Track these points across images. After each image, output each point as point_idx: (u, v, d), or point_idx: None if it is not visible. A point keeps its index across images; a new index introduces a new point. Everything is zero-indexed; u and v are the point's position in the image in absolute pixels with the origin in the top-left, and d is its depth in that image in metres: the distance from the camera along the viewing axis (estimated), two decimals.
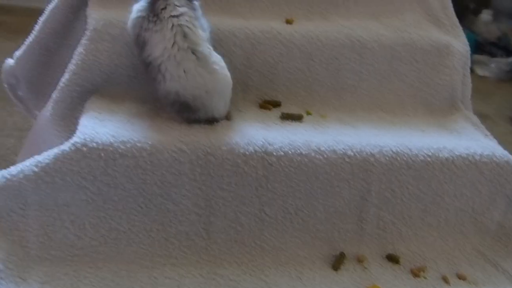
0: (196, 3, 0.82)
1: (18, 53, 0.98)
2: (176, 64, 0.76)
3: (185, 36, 0.77)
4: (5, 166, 1.28)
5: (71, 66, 0.85)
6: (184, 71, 0.76)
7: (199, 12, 0.82)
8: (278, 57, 0.93)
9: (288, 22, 0.97)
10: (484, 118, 1.16)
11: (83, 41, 0.85)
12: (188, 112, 0.80)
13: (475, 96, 1.08)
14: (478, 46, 2.65)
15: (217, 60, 0.80)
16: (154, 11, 0.77)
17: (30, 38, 0.96)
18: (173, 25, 0.77)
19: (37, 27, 0.96)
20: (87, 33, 0.85)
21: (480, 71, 2.53)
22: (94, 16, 0.87)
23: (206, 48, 0.79)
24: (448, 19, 1.06)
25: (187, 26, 0.77)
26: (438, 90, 1.00)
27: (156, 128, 0.78)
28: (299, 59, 0.94)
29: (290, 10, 1.00)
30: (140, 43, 0.78)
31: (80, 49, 0.85)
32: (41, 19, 0.95)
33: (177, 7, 0.78)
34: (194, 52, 0.77)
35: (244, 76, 0.93)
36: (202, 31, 0.80)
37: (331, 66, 0.96)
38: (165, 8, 0.77)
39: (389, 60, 0.98)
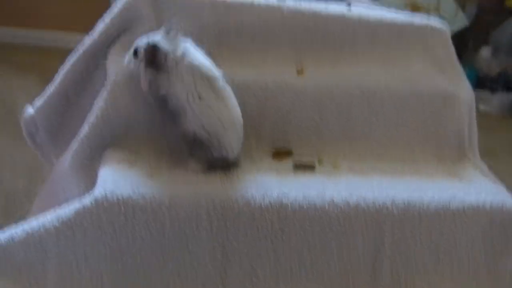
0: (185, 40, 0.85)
1: (38, 102, 1.01)
2: (199, 103, 0.80)
3: (201, 75, 0.81)
4: (15, 208, 1.30)
5: (91, 118, 0.87)
6: (207, 107, 0.81)
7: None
8: (290, 107, 0.96)
9: (299, 72, 1.00)
10: (488, 153, 1.18)
11: (103, 94, 0.88)
12: (203, 150, 0.82)
13: (478, 132, 1.10)
14: (479, 82, 2.71)
15: (231, 95, 0.85)
16: (157, 66, 0.81)
17: (50, 89, 0.99)
18: (186, 68, 0.81)
19: (57, 78, 0.99)
20: (107, 86, 0.88)
21: (482, 107, 2.56)
22: (114, 69, 0.90)
23: (222, 82, 0.83)
24: (453, 68, 1.09)
25: (199, 64, 0.82)
26: (446, 138, 1.02)
27: (174, 181, 0.80)
28: (310, 108, 0.97)
29: (300, 59, 1.03)
30: (160, 98, 0.82)
31: (100, 102, 0.88)
32: (62, 70, 0.99)
33: (175, 53, 0.81)
34: (213, 88, 0.82)
35: (257, 125, 0.95)
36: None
37: (341, 115, 0.99)
38: (166, 58, 0.81)
39: (398, 108, 1.01)
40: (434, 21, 1.12)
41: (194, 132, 0.81)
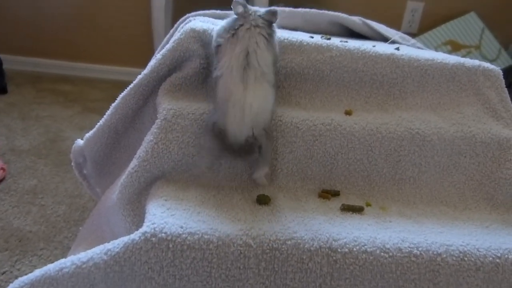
0: (275, 25, 0.91)
1: (88, 134, 1.04)
2: (229, 77, 0.84)
3: (248, 54, 0.85)
4: (55, 233, 1.32)
5: (140, 153, 0.88)
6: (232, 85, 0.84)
7: (275, 36, 0.91)
8: (338, 148, 0.95)
9: (347, 113, 0.99)
10: None
11: (154, 129, 0.89)
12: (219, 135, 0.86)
13: None
14: None
15: (267, 92, 0.87)
16: (234, 26, 0.87)
17: (101, 122, 1.02)
18: (243, 42, 0.85)
19: (108, 112, 1.01)
20: (158, 122, 0.90)
21: None
22: (164, 106, 0.91)
23: (263, 72, 0.86)
24: (506, 111, 1.06)
25: (255, 47, 0.86)
26: (500, 185, 0.98)
27: (222, 218, 0.79)
28: (359, 150, 0.95)
29: (348, 101, 1.03)
30: (216, 51, 0.88)
31: (150, 137, 0.89)
32: (113, 104, 1.01)
33: (253, 27, 0.87)
34: (248, 70, 0.84)
35: (304, 166, 0.94)
36: (270, 56, 0.88)
37: (390, 157, 0.97)
38: (242, 25, 0.87)
39: (449, 153, 0.98)
40: (485, 63, 1.11)
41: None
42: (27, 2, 2.76)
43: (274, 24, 0.91)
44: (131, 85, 0.99)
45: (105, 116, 1.02)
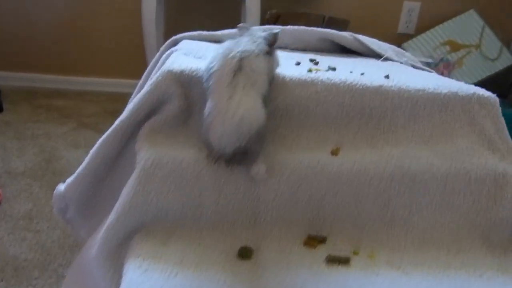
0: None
1: (69, 180, 1.01)
2: (217, 83, 0.82)
3: (242, 59, 0.82)
4: (49, 261, 1.31)
5: (118, 207, 0.85)
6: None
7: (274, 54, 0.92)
8: (325, 192, 0.91)
9: (334, 153, 0.95)
10: None
11: (131, 180, 0.86)
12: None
13: None
14: None
15: (256, 103, 0.82)
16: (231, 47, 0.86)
17: (81, 167, 0.99)
18: (239, 46, 0.84)
19: (88, 157, 0.98)
20: (135, 172, 0.86)
21: None
22: (142, 155, 0.88)
23: (255, 80, 0.83)
24: (503, 143, 1.01)
25: (251, 51, 0.84)
26: (496, 224, 0.94)
27: (200, 281, 0.76)
28: (346, 192, 0.91)
29: (336, 137, 0.98)
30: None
31: (128, 189, 0.86)
32: (92, 149, 0.98)
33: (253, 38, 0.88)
34: (239, 75, 0.81)
35: (289, 211, 0.91)
36: (266, 65, 0.87)
37: (379, 199, 0.93)
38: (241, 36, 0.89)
39: (442, 191, 0.94)
40: (480, 90, 1.05)
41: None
42: (19, 17, 2.74)
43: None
44: (110, 130, 0.96)
45: (85, 162, 0.99)
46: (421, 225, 0.93)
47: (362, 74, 1.14)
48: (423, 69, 1.42)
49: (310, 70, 1.09)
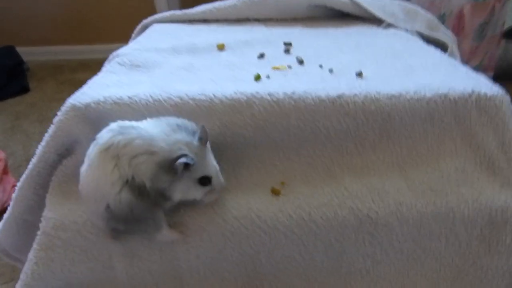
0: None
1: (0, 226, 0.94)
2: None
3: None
4: None
5: (22, 276, 0.76)
6: None
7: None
8: (258, 248, 0.74)
9: (275, 192, 0.76)
10: None
11: (34, 245, 0.76)
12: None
13: None
14: None
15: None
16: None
17: (6, 214, 0.91)
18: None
19: (11, 203, 0.89)
20: (37, 237, 0.76)
21: None
22: (45, 213, 0.77)
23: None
24: (509, 161, 0.75)
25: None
26: (488, 275, 0.72)
27: None
28: (286, 246, 0.74)
29: (284, 167, 0.78)
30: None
31: (31, 256, 0.76)
32: (13, 195, 0.88)
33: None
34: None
35: (218, 269, 0.75)
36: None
37: (330, 250, 0.74)
38: None
39: (415, 236, 0.73)
40: (484, 87, 0.78)
41: None
42: None
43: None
44: (24, 175, 0.85)
45: (9, 208, 0.90)
46: (389, 275, 0.74)
47: (331, 70, 0.90)
48: (433, 39, 1.12)
49: (257, 77, 0.87)
